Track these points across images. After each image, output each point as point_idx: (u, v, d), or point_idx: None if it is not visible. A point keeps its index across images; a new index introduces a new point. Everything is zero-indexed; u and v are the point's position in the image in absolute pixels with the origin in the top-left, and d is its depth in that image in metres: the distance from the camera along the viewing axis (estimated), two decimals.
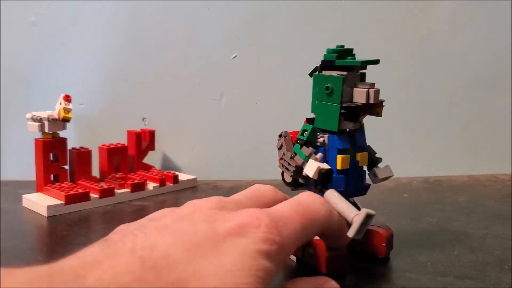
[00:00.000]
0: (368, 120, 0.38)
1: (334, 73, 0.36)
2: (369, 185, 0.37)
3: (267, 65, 0.67)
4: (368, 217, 0.29)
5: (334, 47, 0.37)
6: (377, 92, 0.35)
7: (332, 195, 0.33)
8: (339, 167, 0.35)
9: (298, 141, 0.36)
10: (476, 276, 0.34)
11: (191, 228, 0.23)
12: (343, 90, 0.35)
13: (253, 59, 0.67)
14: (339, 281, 0.28)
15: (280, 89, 0.67)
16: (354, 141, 0.36)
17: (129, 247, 0.21)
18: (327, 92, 0.35)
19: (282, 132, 0.37)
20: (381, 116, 0.36)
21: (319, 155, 0.35)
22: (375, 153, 0.38)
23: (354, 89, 0.36)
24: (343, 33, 0.66)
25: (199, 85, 0.68)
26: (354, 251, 0.37)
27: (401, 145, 0.68)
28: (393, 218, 0.48)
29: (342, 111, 0.35)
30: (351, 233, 0.29)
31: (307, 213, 0.27)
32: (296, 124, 0.39)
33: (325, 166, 0.34)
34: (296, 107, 0.39)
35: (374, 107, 0.36)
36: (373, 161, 0.38)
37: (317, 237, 0.33)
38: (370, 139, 0.39)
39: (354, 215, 0.30)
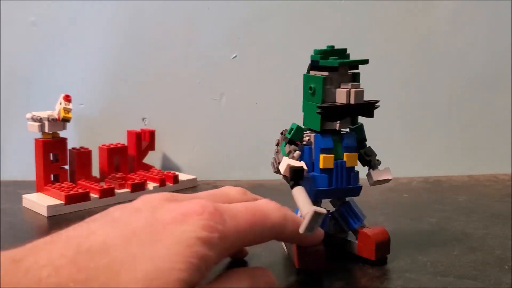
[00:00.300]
0: (368, 120, 0.38)
1: (319, 73, 0.36)
2: (360, 186, 0.37)
3: (267, 65, 0.67)
4: (316, 214, 0.30)
5: (334, 47, 0.37)
6: (358, 92, 0.35)
7: (296, 191, 0.33)
8: (321, 166, 0.35)
9: (285, 139, 0.37)
10: (476, 276, 0.34)
11: (133, 218, 0.24)
12: (325, 90, 0.36)
13: (253, 59, 0.67)
14: (340, 279, 0.28)
15: (280, 89, 0.67)
16: (342, 141, 0.36)
17: (68, 235, 0.22)
18: (310, 92, 0.36)
19: (283, 130, 0.38)
20: (372, 116, 0.36)
21: (297, 153, 0.35)
22: (375, 155, 0.38)
23: (336, 89, 0.36)
24: (343, 33, 0.66)
25: (199, 85, 0.68)
26: (348, 253, 0.37)
27: (401, 145, 0.68)
28: (393, 218, 0.48)
29: (318, 111, 0.35)
30: (301, 229, 0.30)
31: (258, 213, 0.28)
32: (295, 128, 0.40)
33: (297, 163, 0.35)
34: (296, 107, 0.39)
35: (361, 108, 0.35)
36: (370, 163, 0.38)
37: None
38: (370, 139, 0.39)
39: (306, 212, 0.30)
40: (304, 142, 0.37)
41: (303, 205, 0.32)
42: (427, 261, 0.37)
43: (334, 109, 0.35)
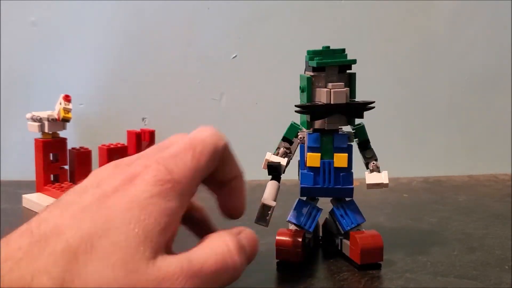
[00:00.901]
0: (368, 120, 0.38)
1: (311, 73, 0.37)
2: (351, 188, 0.36)
3: (267, 65, 0.67)
4: (265, 206, 0.32)
5: (334, 47, 0.37)
6: (338, 93, 0.35)
7: (268, 184, 0.36)
8: (307, 164, 0.36)
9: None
10: (476, 276, 0.34)
11: (79, 197, 0.23)
12: (313, 90, 0.36)
13: (253, 59, 0.67)
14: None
15: (280, 89, 0.67)
16: (333, 141, 0.36)
17: (22, 228, 0.22)
18: (301, 91, 0.37)
19: None
20: (361, 117, 0.36)
21: (281, 150, 0.37)
22: (375, 158, 0.37)
23: (318, 89, 0.36)
24: (343, 33, 0.66)
25: (199, 85, 0.68)
26: (343, 255, 0.37)
27: (401, 145, 0.68)
28: (393, 218, 0.48)
29: (296, 109, 0.36)
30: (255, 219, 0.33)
31: (197, 145, 0.27)
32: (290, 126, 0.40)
33: (276, 159, 0.37)
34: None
35: (348, 108, 0.35)
36: (367, 165, 0.38)
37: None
38: (370, 139, 0.39)
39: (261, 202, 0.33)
40: (299, 140, 0.38)
41: (265, 195, 0.34)
42: (427, 261, 0.37)
43: (312, 108, 0.36)
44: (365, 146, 0.38)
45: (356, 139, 0.38)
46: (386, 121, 0.67)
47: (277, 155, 0.38)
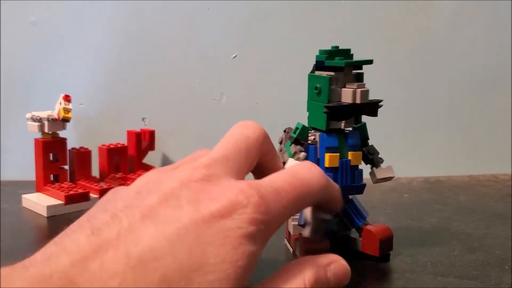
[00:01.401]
0: (369, 120, 0.38)
1: (325, 73, 0.37)
2: (365, 184, 0.37)
3: (267, 65, 0.67)
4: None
5: (338, 47, 0.37)
6: (364, 92, 0.36)
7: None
8: (326, 165, 0.36)
9: (290, 139, 0.37)
10: (477, 276, 0.34)
11: (175, 214, 0.22)
12: (331, 90, 0.36)
13: (253, 59, 0.67)
14: None
15: (280, 89, 0.67)
16: (347, 140, 0.37)
17: (114, 238, 0.20)
18: (316, 91, 0.37)
19: (286, 128, 0.38)
20: (376, 116, 0.37)
21: (302, 154, 0.36)
22: (378, 153, 0.38)
23: (342, 89, 0.36)
24: (343, 33, 0.66)
25: (199, 85, 0.68)
26: (352, 250, 0.37)
27: (401, 145, 0.68)
28: (394, 218, 0.48)
29: (325, 110, 0.36)
30: (305, 232, 0.33)
31: (301, 185, 0.25)
32: (301, 128, 0.40)
33: (293, 163, 0.35)
34: (296, 107, 0.39)
35: (366, 107, 0.36)
36: (373, 161, 0.38)
37: None
38: (371, 139, 0.39)
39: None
40: (309, 141, 0.37)
41: (308, 209, 0.32)
42: (427, 261, 0.37)
43: (341, 108, 0.36)
44: (366, 143, 0.39)
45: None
46: (386, 121, 0.66)
47: (297, 159, 0.36)
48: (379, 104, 0.37)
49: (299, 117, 0.39)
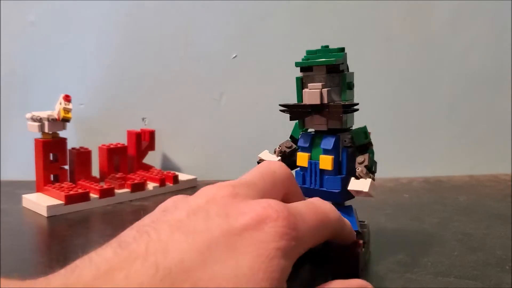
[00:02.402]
0: (369, 120, 0.38)
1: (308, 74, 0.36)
2: (338, 191, 0.35)
3: (267, 65, 0.67)
4: None
5: (334, 47, 0.37)
6: (311, 93, 0.35)
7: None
8: (297, 163, 0.37)
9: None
10: (477, 276, 0.34)
11: (204, 225, 0.22)
12: (302, 91, 0.36)
13: (253, 59, 0.67)
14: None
15: (280, 89, 0.66)
16: (321, 143, 0.36)
17: (142, 251, 0.20)
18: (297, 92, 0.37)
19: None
20: (338, 120, 0.34)
21: (277, 149, 0.38)
22: (367, 165, 0.35)
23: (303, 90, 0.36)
24: (343, 33, 0.66)
25: (199, 85, 0.68)
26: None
27: (401, 145, 0.68)
28: (394, 218, 0.48)
29: (280, 108, 0.36)
30: None
31: (321, 213, 0.26)
32: (296, 124, 0.40)
33: (267, 157, 0.38)
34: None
35: (323, 109, 0.35)
36: (355, 170, 0.35)
37: None
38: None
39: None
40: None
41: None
42: (427, 261, 0.36)
43: (289, 107, 0.36)
44: (362, 151, 0.36)
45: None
46: (386, 121, 0.67)
47: (273, 153, 0.38)
48: (351, 108, 0.35)
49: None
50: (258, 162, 0.38)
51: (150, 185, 0.59)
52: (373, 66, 0.66)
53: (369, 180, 0.34)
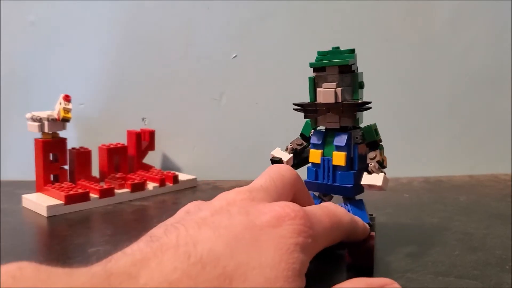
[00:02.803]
0: (369, 120, 0.38)
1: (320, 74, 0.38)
2: (351, 186, 0.36)
3: (267, 65, 0.67)
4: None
5: (334, 47, 0.37)
6: (326, 92, 0.36)
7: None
8: (310, 160, 0.38)
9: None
10: (477, 276, 0.34)
11: (229, 221, 0.24)
12: (316, 90, 0.38)
13: (253, 59, 0.67)
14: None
15: (280, 89, 0.67)
16: (334, 140, 0.37)
17: (173, 242, 0.22)
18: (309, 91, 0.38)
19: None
20: (350, 117, 0.36)
21: (289, 146, 0.39)
22: (380, 160, 0.36)
23: (317, 89, 0.38)
24: (343, 33, 0.66)
25: (199, 85, 0.68)
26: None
27: (401, 145, 0.68)
28: (394, 218, 0.48)
29: (294, 108, 0.38)
30: None
31: (334, 216, 0.28)
32: (296, 124, 0.40)
33: (280, 154, 0.39)
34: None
35: (338, 108, 0.36)
36: (368, 166, 0.37)
37: None
38: None
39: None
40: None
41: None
42: (428, 261, 0.36)
43: (304, 106, 0.37)
44: (372, 147, 0.37)
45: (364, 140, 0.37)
46: (386, 121, 0.67)
47: (285, 150, 0.39)
48: (365, 106, 0.36)
49: (299, 117, 0.39)
50: (271, 159, 0.39)
51: (150, 185, 0.59)
52: (373, 66, 0.66)
53: (381, 175, 0.36)
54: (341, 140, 0.37)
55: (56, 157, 0.56)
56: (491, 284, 0.32)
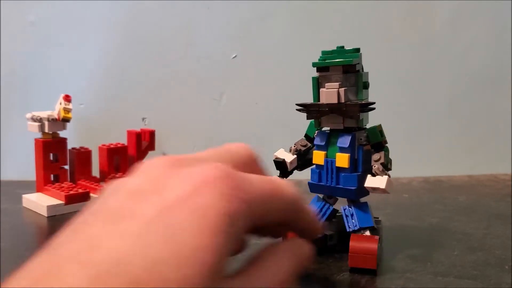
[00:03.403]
0: (369, 120, 0.38)
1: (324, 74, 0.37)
2: (354, 188, 0.36)
3: (267, 65, 0.67)
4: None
5: (334, 47, 0.37)
6: (328, 93, 0.35)
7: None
8: (313, 161, 0.37)
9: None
10: (476, 276, 0.34)
11: (137, 206, 0.19)
12: (319, 90, 0.37)
13: (253, 59, 0.67)
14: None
15: (280, 89, 0.67)
16: (337, 141, 0.36)
17: (74, 253, 0.18)
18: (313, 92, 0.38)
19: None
20: (354, 118, 0.36)
21: (293, 147, 0.39)
22: (383, 162, 0.36)
23: (320, 89, 0.37)
24: (343, 33, 0.66)
25: (199, 85, 0.68)
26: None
27: (401, 145, 0.67)
28: (394, 218, 0.48)
29: (297, 108, 0.37)
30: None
31: (274, 185, 0.23)
32: (296, 124, 0.40)
33: (283, 155, 0.38)
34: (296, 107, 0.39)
35: (340, 108, 0.35)
36: (372, 168, 0.36)
37: None
38: None
39: None
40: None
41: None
42: (427, 261, 0.36)
43: (306, 107, 0.37)
44: (377, 149, 0.37)
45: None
46: (386, 121, 0.66)
47: (289, 151, 0.39)
48: (368, 107, 0.35)
49: (299, 116, 0.39)
50: (274, 160, 0.38)
51: None
52: (373, 66, 0.66)
53: (385, 177, 0.35)
54: (345, 141, 0.36)
55: (56, 157, 0.56)
56: (490, 284, 0.32)
